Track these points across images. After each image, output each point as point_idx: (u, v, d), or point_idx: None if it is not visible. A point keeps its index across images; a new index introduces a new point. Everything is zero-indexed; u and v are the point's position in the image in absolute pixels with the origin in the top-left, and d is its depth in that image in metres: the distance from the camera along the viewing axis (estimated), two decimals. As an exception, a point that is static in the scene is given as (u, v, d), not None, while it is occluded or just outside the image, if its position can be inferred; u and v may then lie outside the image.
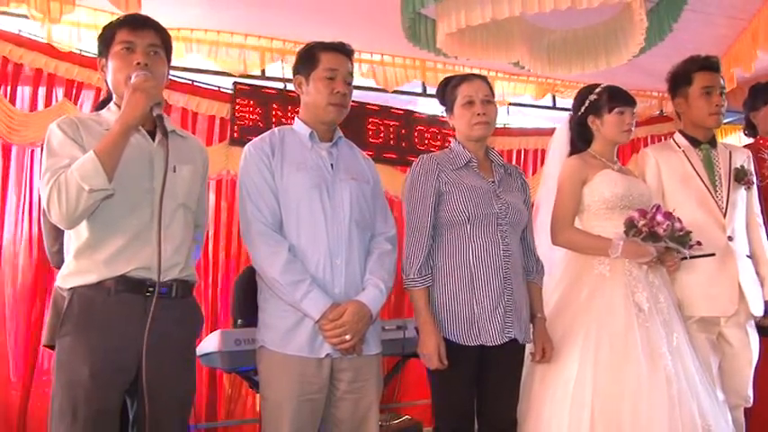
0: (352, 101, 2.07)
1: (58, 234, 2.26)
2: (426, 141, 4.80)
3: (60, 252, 2.27)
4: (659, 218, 2.18)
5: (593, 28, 3.86)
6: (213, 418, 3.96)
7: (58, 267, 2.34)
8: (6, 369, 3.49)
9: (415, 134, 4.78)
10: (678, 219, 2.23)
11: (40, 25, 3.65)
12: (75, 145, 1.67)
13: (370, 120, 4.55)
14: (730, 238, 2.41)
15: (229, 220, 4.21)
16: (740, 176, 2.49)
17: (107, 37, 1.77)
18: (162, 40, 1.80)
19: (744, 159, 2.55)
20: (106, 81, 1.80)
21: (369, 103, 4.57)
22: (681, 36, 3.62)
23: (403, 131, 4.73)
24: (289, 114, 4.18)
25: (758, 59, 3.96)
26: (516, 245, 2.13)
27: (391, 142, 4.64)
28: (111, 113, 1.77)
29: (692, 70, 2.52)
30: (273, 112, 4.30)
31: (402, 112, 4.79)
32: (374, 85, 4.62)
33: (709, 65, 2.52)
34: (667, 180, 2.48)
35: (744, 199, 2.51)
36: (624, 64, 3.86)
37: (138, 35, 1.74)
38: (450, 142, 2.24)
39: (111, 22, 1.81)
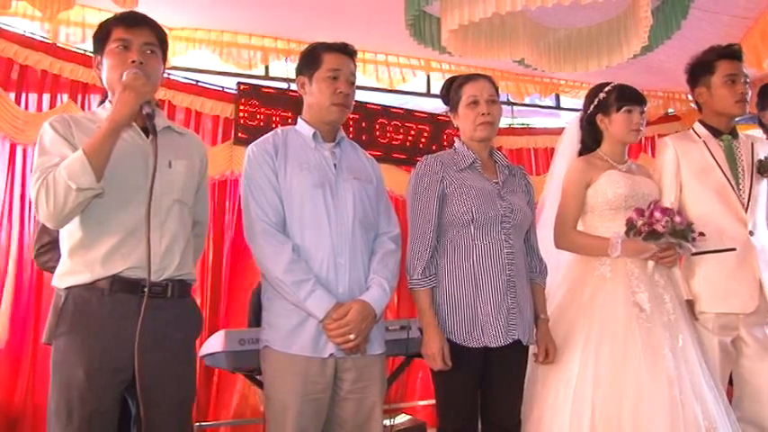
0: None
1: (41, 236, 2.28)
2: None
3: (42, 254, 2.29)
4: (657, 214, 2.15)
5: (598, 27, 3.85)
6: (215, 418, 3.97)
7: (42, 268, 2.37)
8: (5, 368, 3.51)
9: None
10: (677, 212, 2.19)
11: (43, 26, 3.67)
12: (66, 143, 1.64)
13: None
14: (751, 233, 2.32)
15: (235, 221, 4.22)
16: (764, 168, 2.41)
17: (102, 34, 1.75)
18: (158, 38, 1.77)
19: (767, 151, 2.47)
20: (101, 78, 1.78)
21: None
22: (687, 35, 3.61)
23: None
24: (293, 114, 4.18)
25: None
26: (520, 246, 2.12)
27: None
28: (105, 111, 1.74)
29: (715, 59, 2.44)
30: (277, 112, 4.30)
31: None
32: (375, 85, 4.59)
33: (731, 53, 2.45)
34: (686, 172, 2.40)
35: (766, 191, 2.42)
36: (631, 63, 3.84)
37: (134, 33, 1.72)
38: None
39: (106, 20, 1.78)
